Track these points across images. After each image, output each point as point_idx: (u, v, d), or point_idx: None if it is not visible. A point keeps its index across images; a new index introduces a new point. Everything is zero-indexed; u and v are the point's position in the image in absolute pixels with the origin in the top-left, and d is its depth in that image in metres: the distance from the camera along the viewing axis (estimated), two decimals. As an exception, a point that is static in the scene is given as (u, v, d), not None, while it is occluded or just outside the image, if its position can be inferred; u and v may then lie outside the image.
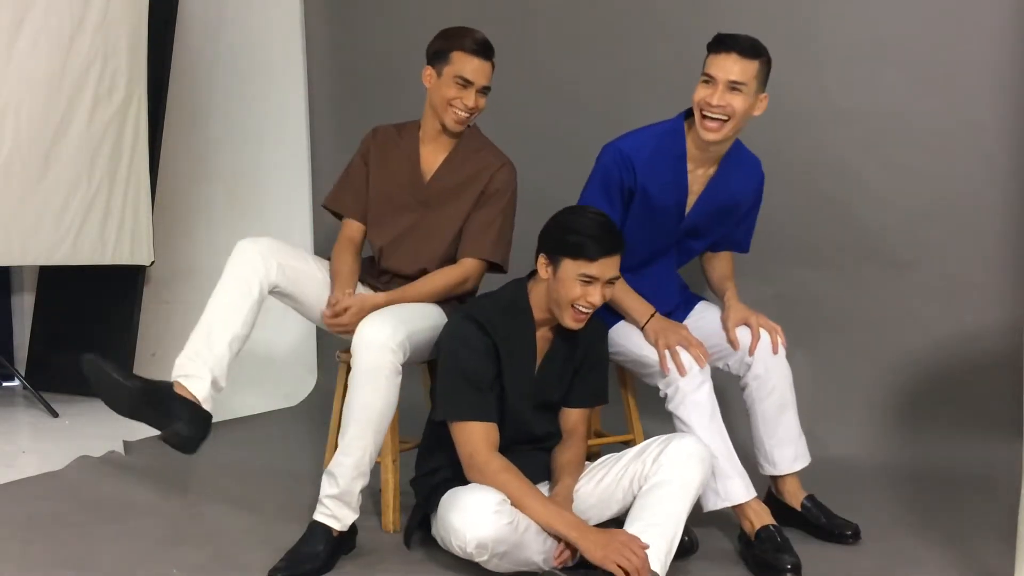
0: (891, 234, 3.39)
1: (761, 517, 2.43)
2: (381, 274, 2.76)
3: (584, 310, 2.25)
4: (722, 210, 2.70)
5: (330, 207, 2.82)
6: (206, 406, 2.37)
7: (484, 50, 2.63)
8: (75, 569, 2.30)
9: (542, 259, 2.29)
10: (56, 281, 4.59)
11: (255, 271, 2.45)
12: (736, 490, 2.44)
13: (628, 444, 2.94)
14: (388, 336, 2.32)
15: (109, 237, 4.07)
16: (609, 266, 2.23)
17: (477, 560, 2.09)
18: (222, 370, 2.39)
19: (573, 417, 2.44)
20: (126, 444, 3.38)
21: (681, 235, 2.70)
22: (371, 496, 2.73)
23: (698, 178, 2.64)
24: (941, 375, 3.33)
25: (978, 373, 3.27)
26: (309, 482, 2.28)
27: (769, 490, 2.69)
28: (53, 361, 4.54)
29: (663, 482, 2.17)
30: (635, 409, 2.89)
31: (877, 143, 3.40)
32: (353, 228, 2.77)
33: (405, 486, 2.65)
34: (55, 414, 3.94)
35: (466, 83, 2.61)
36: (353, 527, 2.36)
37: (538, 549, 2.14)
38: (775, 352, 2.59)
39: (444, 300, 2.65)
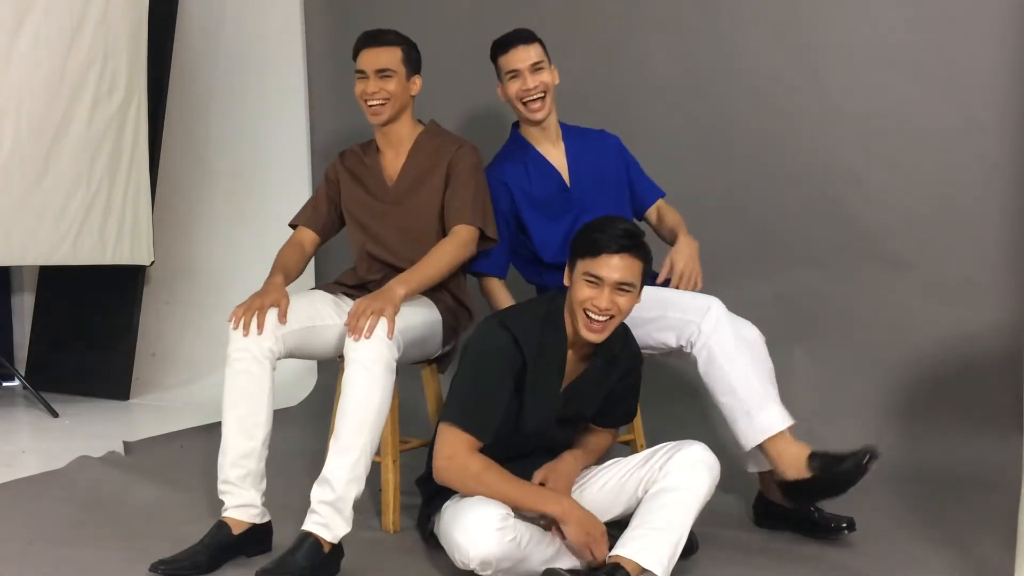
0: (891, 234, 3.39)
1: (803, 449, 2.39)
2: (362, 284, 2.71)
3: (595, 317, 2.17)
4: (598, 172, 2.89)
5: (291, 223, 2.88)
6: (261, 519, 2.40)
7: (370, 38, 2.72)
8: (75, 569, 2.30)
9: (567, 267, 2.26)
10: (56, 281, 4.59)
11: (255, 359, 2.38)
12: (773, 420, 2.40)
13: (629, 444, 2.95)
14: (381, 332, 2.30)
15: (109, 237, 4.07)
16: (618, 267, 2.15)
17: (480, 574, 2.09)
18: (260, 474, 2.40)
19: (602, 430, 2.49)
20: (126, 444, 3.38)
21: (581, 205, 2.80)
22: (371, 496, 2.73)
23: (554, 156, 2.88)
24: (941, 375, 3.33)
25: (978, 373, 3.26)
26: (308, 482, 2.28)
27: (760, 492, 2.68)
28: (53, 361, 4.55)
29: (670, 487, 2.16)
30: (637, 410, 2.88)
31: (877, 143, 3.40)
32: (304, 233, 2.82)
33: (405, 486, 2.65)
34: (55, 414, 3.95)
35: (362, 74, 2.70)
36: (340, 549, 2.26)
37: (541, 559, 2.13)
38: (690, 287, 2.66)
39: (442, 285, 2.65)
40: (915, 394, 3.36)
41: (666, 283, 2.69)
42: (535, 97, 2.77)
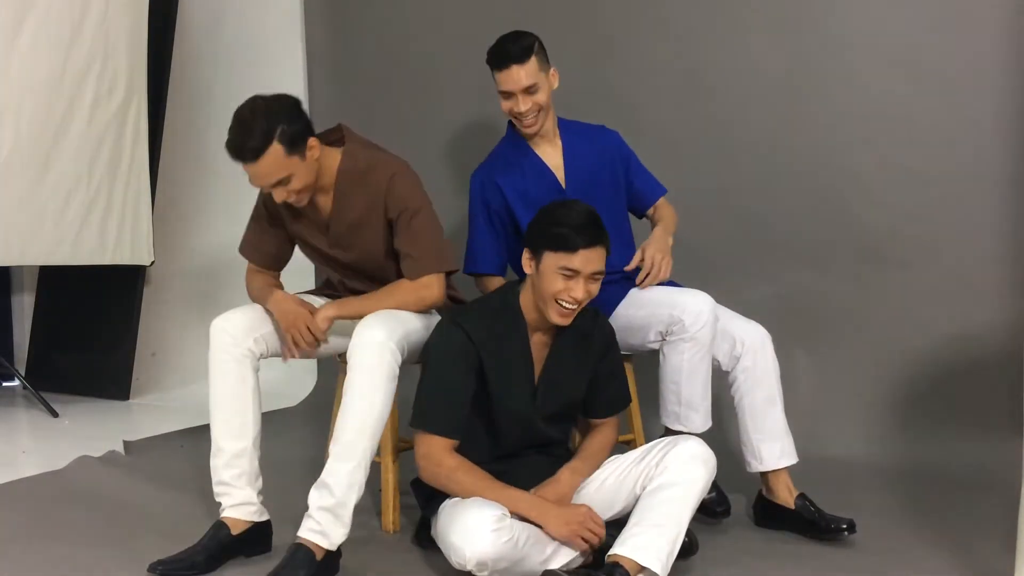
0: (891, 234, 3.39)
1: None
2: (347, 292, 2.68)
3: (567, 305, 2.22)
4: (594, 171, 2.84)
5: (243, 255, 2.71)
6: (259, 517, 2.41)
7: (236, 151, 2.35)
8: (74, 569, 2.30)
9: (526, 254, 2.28)
10: (56, 281, 4.59)
11: (237, 360, 2.38)
12: (697, 422, 2.61)
13: (629, 444, 2.95)
14: (385, 337, 2.29)
15: (109, 237, 4.07)
16: (591, 259, 2.20)
17: (477, 575, 2.09)
18: (254, 473, 2.41)
19: (606, 420, 2.47)
20: (126, 444, 3.38)
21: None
22: (371, 496, 2.73)
23: (550, 156, 2.83)
24: (941, 375, 3.33)
25: (978, 373, 3.26)
26: (308, 483, 2.27)
27: (760, 492, 2.69)
28: (53, 361, 4.54)
29: (667, 484, 2.17)
30: (636, 408, 2.88)
31: (877, 143, 3.40)
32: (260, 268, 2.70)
33: (405, 486, 2.65)
34: (55, 414, 3.95)
35: (254, 183, 2.42)
36: (338, 550, 2.24)
37: (539, 560, 2.13)
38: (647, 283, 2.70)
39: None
40: (915, 394, 3.36)
41: (636, 272, 2.75)
42: (527, 118, 2.74)
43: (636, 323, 2.62)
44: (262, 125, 2.30)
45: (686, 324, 2.54)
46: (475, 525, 2.05)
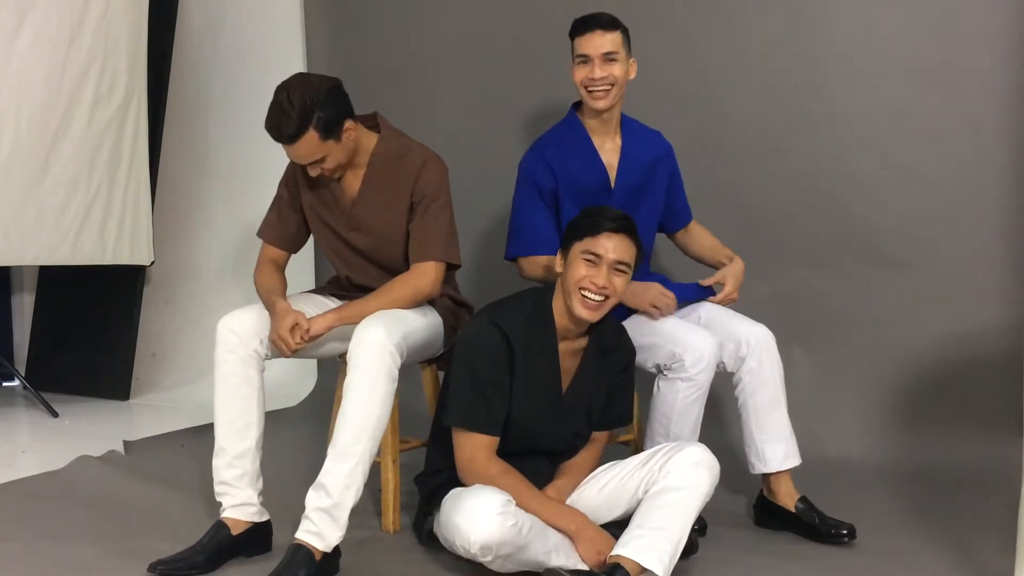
0: (891, 234, 3.39)
1: None
2: (352, 288, 2.70)
3: (591, 296, 2.21)
4: (644, 178, 2.80)
5: (261, 237, 2.75)
6: (260, 517, 2.41)
7: (276, 133, 2.41)
8: (75, 569, 2.30)
9: (559, 253, 2.30)
10: (56, 281, 4.59)
11: (243, 361, 2.39)
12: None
13: (628, 444, 2.95)
14: (385, 337, 2.28)
15: (109, 237, 4.07)
16: (615, 247, 2.21)
17: (481, 560, 2.10)
18: (255, 474, 2.41)
19: (597, 435, 2.46)
20: (126, 444, 3.38)
21: (623, 205, 2.72)
22: (371, 496, 2.73)
23: (607, 152, 2.77)
24: (941, 375, 3.33)
25: (978, 373, 3.26)
26: (308, 483, 2.27)
27: (761, 492, 2.69)
28: (53, 361, 4.55)
29: (670, 488, 2.17)
30: (636, 410, 2.88)
31: (877, 143, 3.40)
32: (272, 251, 2.71)
33: (405, 486, 2.65)
34: (55, 414, 3.95)
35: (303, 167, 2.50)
36: (337, 549, 2.24)
37: (542, 549, 2.14)
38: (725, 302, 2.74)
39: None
40: (915, 394, 3.36)
41: (705, 292, 2.77)
42: (600, 88, 2.65)
43: (637, 345, 2.55)
44: (299, 112, 2.38)
45: (686, 364, 2.52)
46: (481, 508, 2.06)
